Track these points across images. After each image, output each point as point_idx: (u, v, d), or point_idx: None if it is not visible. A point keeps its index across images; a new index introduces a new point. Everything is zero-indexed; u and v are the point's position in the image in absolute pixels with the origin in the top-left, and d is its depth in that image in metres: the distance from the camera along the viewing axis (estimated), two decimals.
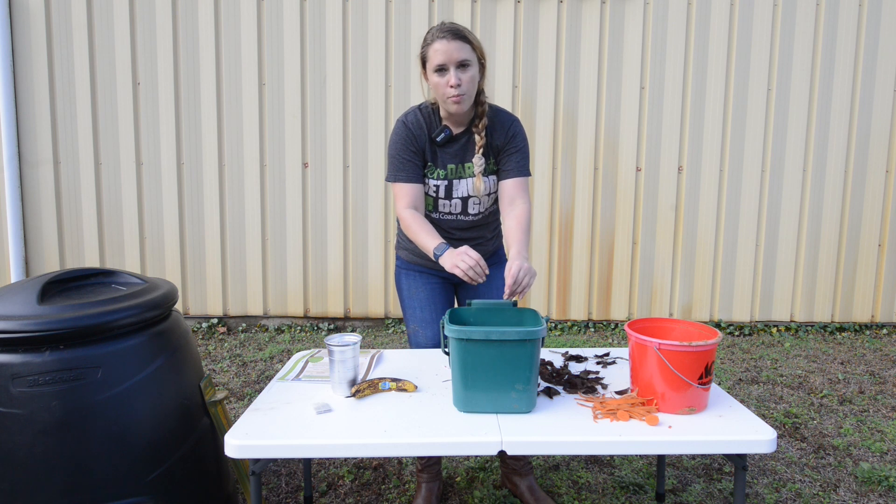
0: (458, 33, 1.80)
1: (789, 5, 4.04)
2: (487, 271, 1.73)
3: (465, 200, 1.98)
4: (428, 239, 1.83)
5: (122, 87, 4.00)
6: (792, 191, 4.20)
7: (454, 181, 1.95)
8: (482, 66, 1.88)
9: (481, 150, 1.91)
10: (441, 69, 1.81)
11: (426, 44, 1.84)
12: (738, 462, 1.49)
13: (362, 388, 1.70)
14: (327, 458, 2.46)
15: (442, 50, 1.79)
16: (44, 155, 4.01)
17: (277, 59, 4.03)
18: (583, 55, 4.07)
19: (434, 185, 1.96)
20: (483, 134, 1.90)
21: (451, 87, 1.80)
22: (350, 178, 4.13)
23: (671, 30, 4.06)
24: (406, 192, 1.91)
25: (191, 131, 4.06)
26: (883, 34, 4.07)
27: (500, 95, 4.08)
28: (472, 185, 1.96)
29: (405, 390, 1.72)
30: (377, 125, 4.09)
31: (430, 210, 2.01)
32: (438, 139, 1.91)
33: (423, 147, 1.93)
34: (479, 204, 2.00)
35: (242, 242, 4.17)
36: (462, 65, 1.80)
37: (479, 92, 1.91)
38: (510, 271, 1.74)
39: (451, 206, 1.99)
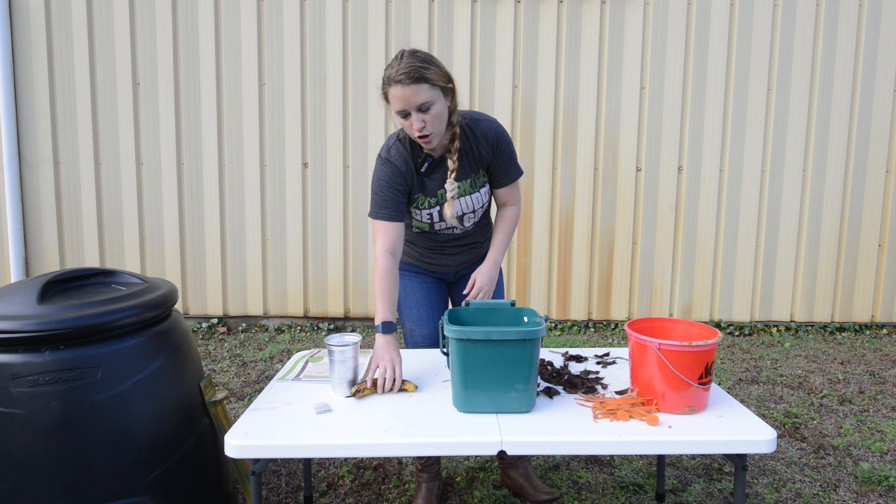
0: (412, 75, 1.67)
1: (789, 5, 4.04)
2: (397, 389, 1.72)
3: (460, 218, 1.98)
4: (380, 307, 1.81)
5: (122, 87, 4.00)
6: (792, 191, 4.20)
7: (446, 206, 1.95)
8: (449, 91, 1.77)
9: (453, 175, 1.85)
10: (402, 114, 1.74)
11: (384, 84, 1.74)
12: (738, 462, 1.49)
13: (362, 388, 1.70)
14: (327, 458, 2.46)
15: (399, 97, 1.70)
16: (44, 155, 4.01)
17: (277, 59, 4.03)
18: (583, 55, 4.07)
19: (427, 214, 1.95)
20: (455, 158, 1.84)
21: (416, 130, 1.74)
22: (350, 178, 4.13)
23: (671, 30, 4.06)
24: (386, 231, 1.86)
25: (191, 131, 4.06)
26: (883, 34, 4.07)
27: (499, 95, 4.08)
28: (463, 203, 1.94)
29: (405, 390, 1.72)
30: (377, 125, 4.08)
31: (427, 230, 2.01)
32: (423, 169, 1.88)
33: (411, 181, 1.88)
34: (475, 217, 2.01)
35: (242, 242, 4.17)
36: (422, 108, 1.71)
37: (451, 113, 1.80)
38: (475, 280, 1.96)
39: (446, 224, 1.99)
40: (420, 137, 1.76)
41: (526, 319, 1.76)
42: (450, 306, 2.22)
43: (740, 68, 4.09)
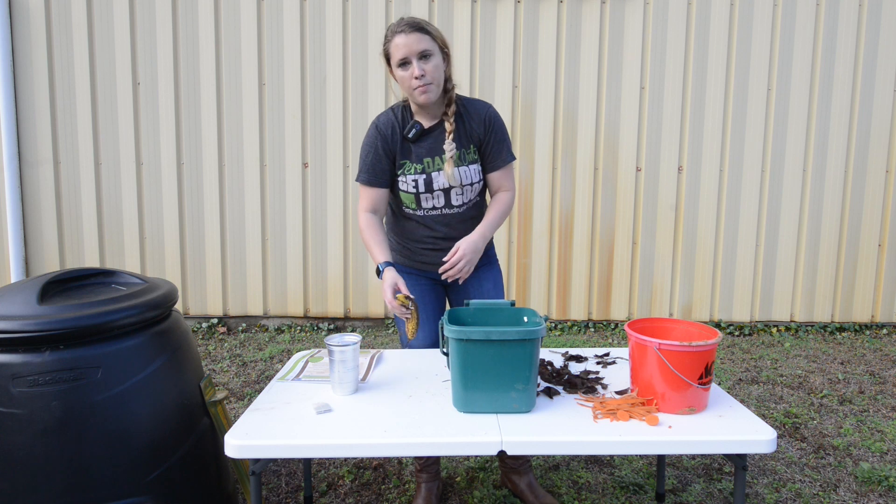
0: (415, 25, 1.84)
1: (789, 5, 4.04)
2: (403, 311, 1.79)
3: (447, 192, 1.97)
4: (376, 251, 1.90)
5: (122, 87, 4.00)
6: (792, 191, 4.20)
7: (433, 174, 1.95)
8: (446, 55, 1.91)
9: (451, 136, 1.92)
10: (404, 63, 1.84)
11: (387, 40, 1.87)
12: (738, 462, 1.49)
13: (409, 331, 1.80)
14: (327, 458, 2.46)
15: (402, 44, 1.82)
16: (44, 155, 4.01)
17: (277, 59, 4.03)
18: (583, 55, 4.07)
19: (412, 180, 1.96)
20: (452, 120, 1.92)
21: (416, 78, 1.82)
22: (350, 178, 4.13)
23: (671, 30, 4.06)
24: (367, 195, 1.96)
25: (191, 131, 4.06)
26: (883, 34, 4.08)
27: (500, 95, 4.08)
28: (446, 175, 1.95)
29: (409, 304, 1.79)
30: None
31: (414, 208, 2.00)
32: (410, 135, 1.93)
33: (395, 147, 1.94)
34: (462, 194, 1.99)
35: (242, 242, 4.17)
36: (424, 55, 1.83)
37: (447, 80, 1.93)
38: (458, 248, 1.87)
39: (433, 199, 1.98)
40: (418, 88, 1.83)
41: (526, 319, 1.76)
42: (447, 308, 2.21)
43: (740, 68, 4.09)
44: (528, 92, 4.10)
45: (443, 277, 1.89)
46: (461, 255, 1.87)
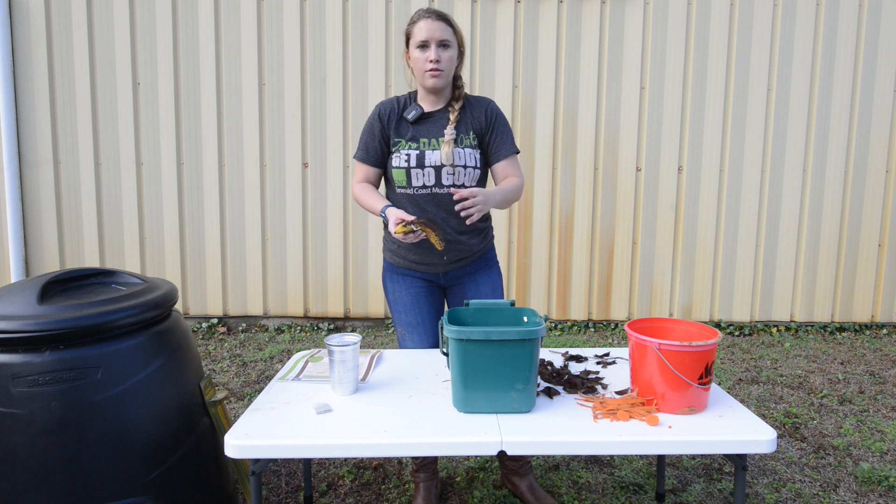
0: (442, 16, 1.96)
1: (789, 5, 4.04)
2: (419, 234, 1.82)
3: (437, 170, 1.97)
4: (375, 202, 1.99)
5: (122, 87, 4.00)
6: (792, 191, 4.20)
7: (426, 151, 1.98)
8: (461, 53, 2.02)
9: (454, 125, 1.99)
10: (423, 45, 1.94)
11: (412, 22, 1.98)
12: (738, 462, 1.49)
13: (436, 240, 1.82)
14: (327, 458, 2.46)
15: (426, 28, 1.92)
16: (44, 155, 4.01)
17: (277, 59, 4.03)
18: (583, 55, 4.07)
19: (405, 154, 1.98)
20: (457, 112, 2.01)
21: (431, 61, 1.92)
22: (349, 179, 4.13)
23: (671, 30, 4.06)
24: (361, 170, 2.07)
25: (191, 131, 4.06)
26: (883, 34, 4.08)
27: (500, 95, 4.08)
28: (443, 154, 1.98)
29: (417, 231, 1.81)
30: None
31: (405, 186, 2.01)
32: (410, 116, 2.00)
33: (390, 127, 2.02)
34: (454, 174, 1.98)
35: (242, 242, 4.17)
36: (443, 44, 1.93)
37: (457, 77, 2.03)
38: (465, 192, 1.80)
39: (424, 176, 1.98)
40: (430, 71, 1.93)
41: (526, 319, 1.75)
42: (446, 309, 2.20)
43: (740, 68, 4.09)
44: (528, 92, 4.10)
45: (457, 208, 1.81)
46: (475, 193, 1.79)
